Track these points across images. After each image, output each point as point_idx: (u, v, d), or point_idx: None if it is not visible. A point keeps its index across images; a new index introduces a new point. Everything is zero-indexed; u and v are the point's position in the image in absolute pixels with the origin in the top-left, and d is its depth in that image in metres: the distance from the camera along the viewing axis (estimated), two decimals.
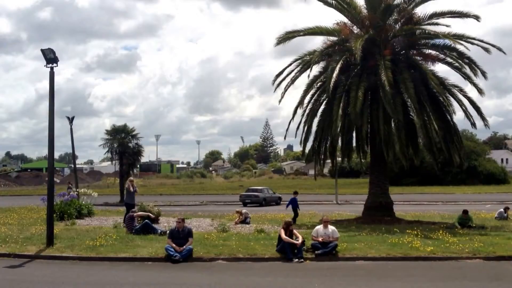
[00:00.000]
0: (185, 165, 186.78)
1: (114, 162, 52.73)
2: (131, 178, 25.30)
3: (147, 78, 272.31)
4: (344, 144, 26.76)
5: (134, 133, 48.26)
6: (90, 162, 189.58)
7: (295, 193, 27.79)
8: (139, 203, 23.59)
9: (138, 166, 79.37)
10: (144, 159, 69.46)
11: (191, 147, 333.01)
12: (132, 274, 13.48)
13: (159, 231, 19.18)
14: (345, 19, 26.14)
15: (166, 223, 22.73)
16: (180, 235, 15.64)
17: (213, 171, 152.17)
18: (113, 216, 27.35)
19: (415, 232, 18.47)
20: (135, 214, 20.53)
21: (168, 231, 16.92)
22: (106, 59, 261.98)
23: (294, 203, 26.30)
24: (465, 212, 23.64)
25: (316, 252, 15.32)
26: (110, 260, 15.00)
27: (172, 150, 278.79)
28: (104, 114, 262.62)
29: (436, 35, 23.84)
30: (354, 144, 27.37)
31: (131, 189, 22.59)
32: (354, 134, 26.45)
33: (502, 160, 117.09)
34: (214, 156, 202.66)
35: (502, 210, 27.73)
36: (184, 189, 73.71)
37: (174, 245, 15.13)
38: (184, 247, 15.12)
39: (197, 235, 17.74)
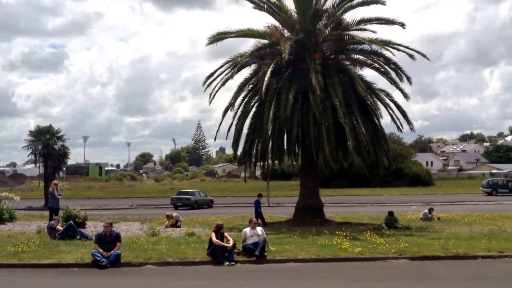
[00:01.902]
0: (115, 168, 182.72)
1: (38, 164, 50.90)
2: (56, 181, 24.44)
3: (75, 78, 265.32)
4: (275, 147, 26.89)
5: (60, 134, 46.66)
6: (13, 164, 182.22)
7: (259, 195, 27.80)
8: (64, 207, 22.77)
9: (65, 168, 77.00)
10: (71, 161, 67.62)
11: (121, 149, 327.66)
12: (57, 281, 13.00)
13: (78, 236, 18.57)
14: (276, 23, 26.36)
15: (93, 228, 22.05)
16: (108, 239, 15.20)
17: (143, 174, 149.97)
18: (37, 221, 26.31)
19: (344, 233, 18.80)
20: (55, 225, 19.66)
21: (94, 236, 16.43)
22: (31, 58, 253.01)
23: (257, 205, 26.27)
24: (391, 213, 24.30)
25: (255, 253, 15.16)
26: (33, 267, 14.38)
27: (101, 152, 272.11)
28: (28, 114, 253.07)
29: (364, 41, 24.36)
30: (285, 147, 27.53)
31: (56, 192, 21.78)
32: (285, 137, 26.58)
33: (427, 162, 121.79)
34: (145, 158, 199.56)
35: (426, 211, 28.64)
36: (113, 193, 72.04)
37: (101, 250, 14.68)
38: (112, 252, 14.71)
39: (126, 240, 17.34)
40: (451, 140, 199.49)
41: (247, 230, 16.23)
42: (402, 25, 25.24)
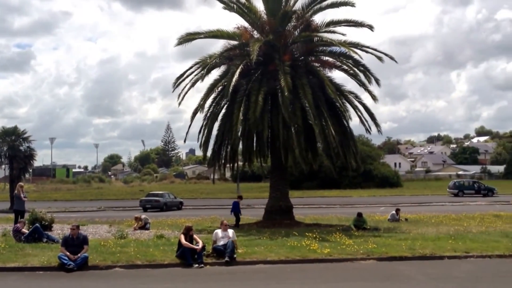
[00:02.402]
0: (82, 170, 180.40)
1: (3, 166, 49.88)
2: (21, 183, 23.98)
3: (42, 78, 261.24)
4: (245, 149, 26.80)
5: (26, 135, 45.77)
6: None
7: (239, 197, 27.76)
8: (30, 209, 22.34)
9: (31, 170, 75.46)
10: (37, 163, 66.41)
11: (88, 151, 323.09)
12: (22, 284, 12.75)
13: (45, 239, 18.23)
14: (246, 24, 26.38)
15: (60, 231, 21.71)
16: (75, 242, 14.96)
17: (112, 176, 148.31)
18: (2, 224, 25.70)
19: (314, 235, 18.87)
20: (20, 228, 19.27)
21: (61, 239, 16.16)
22: None
23: (236, 208, 26.15)
24: (360, 214, 24.54)
25: (225, 259, 15.09)
26: None
27: (69, 154, 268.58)
28: None
29: (333, 43, 24.53)
30: (255, 149, 27.50)
31: (21, 195, 21.38)
32: (255, 139, 26.56)
33: (395, 164, 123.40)
34: (113, 160, 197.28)
35: (394, 212, 28.97)
36: (80, 195, 70.97)
37: (67, 253, 14.44)
38: (79, 255, 14.48)
39: (93, 242, 17.09)
40: (419, 141, 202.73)
41: (218, 231, 16.17)
42: (371, 27, 25.51)
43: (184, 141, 44.28)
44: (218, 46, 51.62)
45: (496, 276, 13.34)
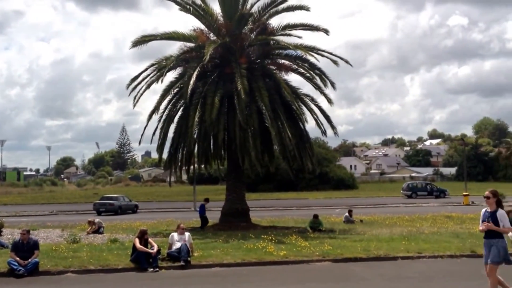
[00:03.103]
0: (34, 173, 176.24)
1: None
2: None
3: None
4: (201, 151, 26.70)
5: None
6: None
7: (206, 200, 27.71)
8: None
9: None
10: None
11: (40, 153, 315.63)
12: None
13: None
14: (202, 26, 26.28)
15: (10, 235, 21.06)
16: (25, 247, 14.59)
17: (65, 179, 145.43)
18: None
19: (270, 237, 18.86)
20: None
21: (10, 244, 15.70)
22: None
23: (201, 210, 26.04)
24: (316, 216, 24.76)
25: (181, 263, 14.93)
26: None
27: (19, 156, 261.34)
28: None
29: (289, 46, 24.70)
30: (211, 151, 27.38)
31: None
32: (211, 141, 26.45)
33: (351, 166, 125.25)
34: (66, 162, 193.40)
35: (347, 214, 29.33)
36: (32, 198, 69.15)
37: (17, 258, 14.07)
38: (29, 260, 14.10)
39: (45, 247, 16.72)
40: (374, 144, 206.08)
41: (174, 234, 16.00)
42: (326, 31, 25.79)
43: (139, 144, 42.41)
44: (175, 47, 51.32)
45: (447, 276, 13.62)
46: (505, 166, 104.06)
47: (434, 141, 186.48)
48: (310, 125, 26.66)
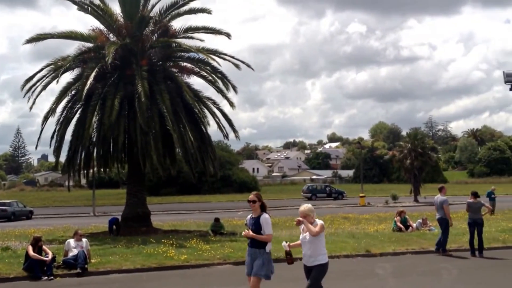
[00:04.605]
0: None
1: None
2: None
3: None
4: (101, 154, 26.03)
5: None
6: None
7: None
8: None
9: None
10: None
11: None
12: None
13: None
14: (102, 26, 25.66)
15: None
16: None
17: None
18: None
19: (171, 241, 18.72)
20: None
21: None
22: None
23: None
24: (217, 219, 24.83)
25: (77, 270, 14.42)
26: None
27: None
28: None
29: (190, 49, 24.65)
30: (111, 154, 26.74)
31: None
32: (111, 144, 25.83)
33: (253, 169, 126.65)
34: None
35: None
36: None
37: None
38: None
39: None
40: (276, 147, 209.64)
41: (71, 241, 15.48)
42: (228, 35, 26.01)
43: (36, 147, 39.20)
44: (74, 48, 49.57)
45: (342, 275, 14.10)
46: (398, 169, 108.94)
47: (333, 144, 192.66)
48: (213, 128, 26.77)
